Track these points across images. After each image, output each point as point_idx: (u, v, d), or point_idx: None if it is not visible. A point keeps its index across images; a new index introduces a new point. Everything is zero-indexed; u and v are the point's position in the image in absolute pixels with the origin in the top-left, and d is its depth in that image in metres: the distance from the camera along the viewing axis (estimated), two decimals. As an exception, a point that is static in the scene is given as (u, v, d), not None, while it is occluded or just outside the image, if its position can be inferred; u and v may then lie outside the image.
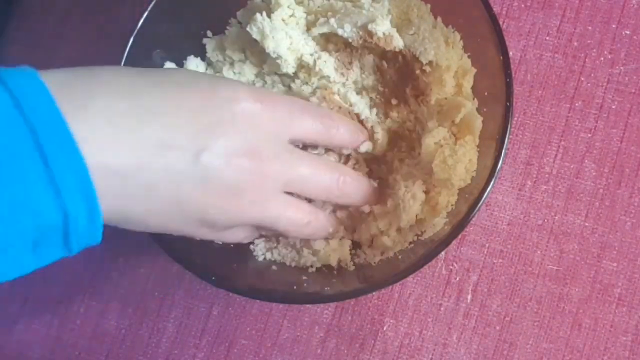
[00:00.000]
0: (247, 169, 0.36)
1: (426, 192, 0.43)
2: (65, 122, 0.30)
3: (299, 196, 0.41)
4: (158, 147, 0.33)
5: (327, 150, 0.44)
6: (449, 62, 0.43)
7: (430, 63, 0.43)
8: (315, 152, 0.44)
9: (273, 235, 0.45)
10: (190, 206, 0.36)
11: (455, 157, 0.41)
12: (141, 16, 0.43)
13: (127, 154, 0.32)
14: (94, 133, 0.31)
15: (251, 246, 0.46)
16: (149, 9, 0.43)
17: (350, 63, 0.46)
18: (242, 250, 0.46)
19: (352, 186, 0.43)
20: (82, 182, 0.30)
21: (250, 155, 0.36)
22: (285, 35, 0.44)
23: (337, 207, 0.45)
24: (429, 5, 0.45)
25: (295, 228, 0.41)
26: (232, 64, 0.48)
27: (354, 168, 0.45)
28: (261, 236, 0.46)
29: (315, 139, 0.42)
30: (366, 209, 0.44)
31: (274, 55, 0.44)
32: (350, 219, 0.45)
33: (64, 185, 0.30)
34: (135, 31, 0.43)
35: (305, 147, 0.43)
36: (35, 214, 0.29)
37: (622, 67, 0.50)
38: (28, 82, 0.30)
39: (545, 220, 0.48)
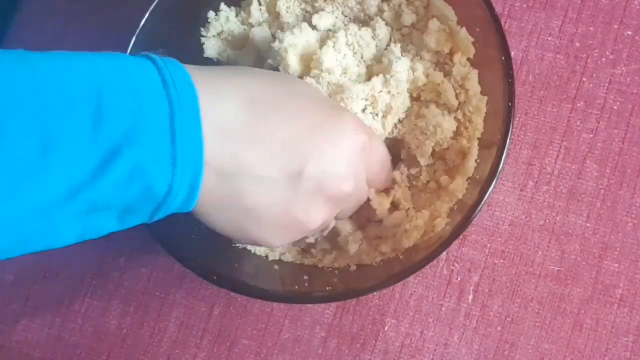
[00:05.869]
0: (329, 202, 0.38)
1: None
2: (199, 111, 0.32)
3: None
4: (259, 160, 0.35)
5: None
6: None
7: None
8: None
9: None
10: (270, 222, 0.37)
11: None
12: (142, 16, 0.43)
13: (229, 157, 0.34)
14: (208, 130, 0.33)
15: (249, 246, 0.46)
16: (150, 9, 0.43)
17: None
18: (243, 250, 0.46)
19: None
20: (196, 166, 0.32)
21: (336, 189, 0.37)
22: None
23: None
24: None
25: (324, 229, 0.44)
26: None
27: None
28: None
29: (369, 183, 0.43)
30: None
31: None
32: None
33: (181, 167, 0.32)
34: (137, 31, 0.43)
35: None
36: (147, 184, 0.31)
37: (624, 68, 0.50)
38: (176, 69, 0.33)
39: (547, 221, 0.48)
